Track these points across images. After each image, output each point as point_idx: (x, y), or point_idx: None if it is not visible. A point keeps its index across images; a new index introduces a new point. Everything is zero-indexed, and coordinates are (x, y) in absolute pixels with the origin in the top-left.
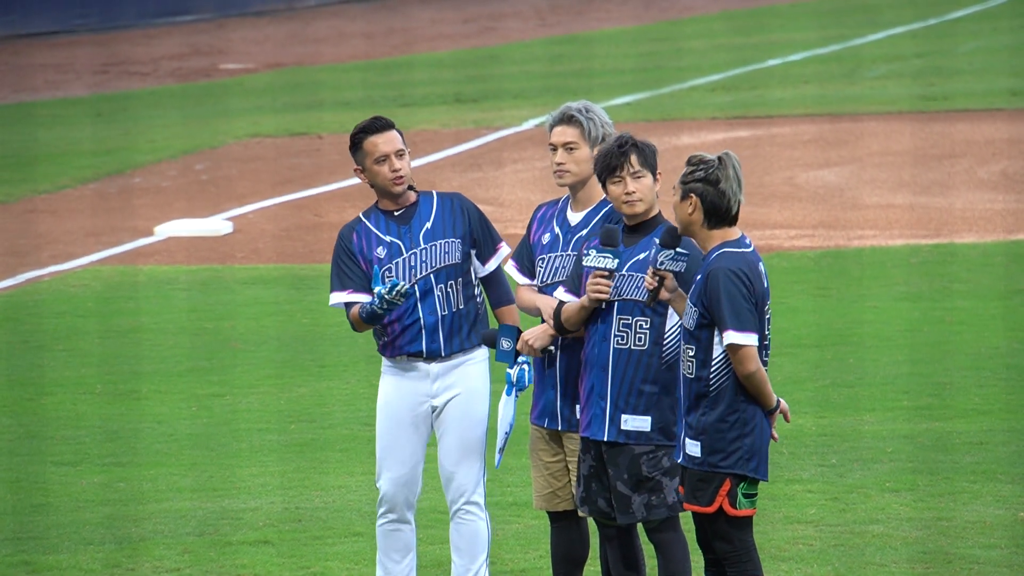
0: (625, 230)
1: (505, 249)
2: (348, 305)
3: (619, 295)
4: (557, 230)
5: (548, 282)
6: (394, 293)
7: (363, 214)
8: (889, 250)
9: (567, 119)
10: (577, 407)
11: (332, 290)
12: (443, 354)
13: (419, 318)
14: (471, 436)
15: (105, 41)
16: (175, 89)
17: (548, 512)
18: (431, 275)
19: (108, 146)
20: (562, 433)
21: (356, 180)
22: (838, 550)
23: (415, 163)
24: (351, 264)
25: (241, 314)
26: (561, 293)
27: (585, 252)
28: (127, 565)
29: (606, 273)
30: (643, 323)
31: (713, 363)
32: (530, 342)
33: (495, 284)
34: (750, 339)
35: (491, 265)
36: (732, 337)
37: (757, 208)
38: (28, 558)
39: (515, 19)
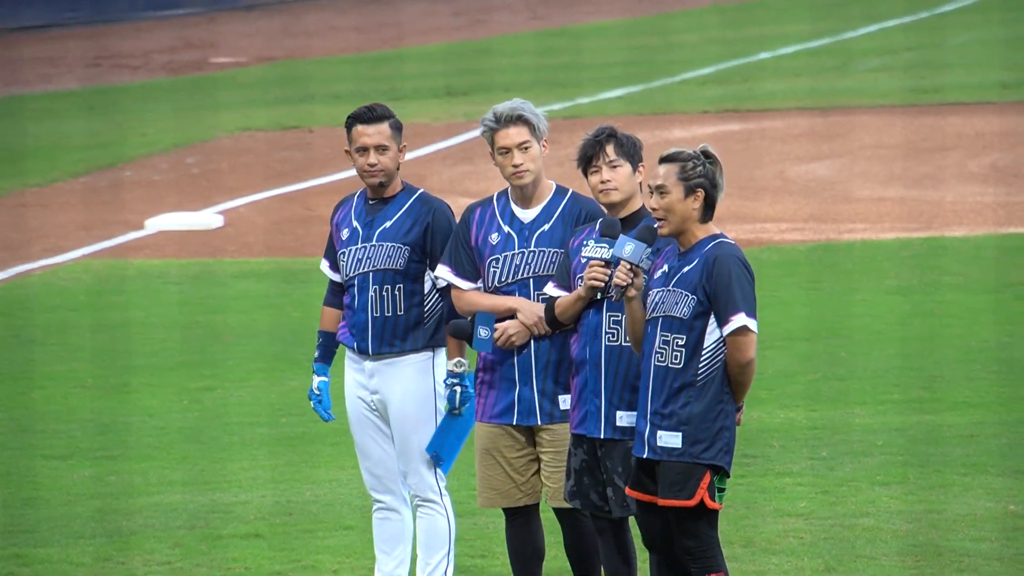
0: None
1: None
2: (331, 283)
3: (606, 292)
4: (507, 229)
5: (509, 281)
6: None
7: (360, 192)
8: (880, 243)
9: (515, 119)
10: (561, 398)
11: (324, 254)
12: (370, 352)
13: (354, 312)
14: (413, 438)
15: (96, 34)
16: (166, 83)
17: (504, 509)
18: (370, 273)
19: (99, 140)
20: (536, 428)
21: (347, 174)
22: (828, 543)
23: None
24: (331, 236)
25: (232, 308)
26: (552, 288)
27: (584, 243)
28: (118, 559)
29: (602, 263)
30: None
31: (704, 352)
32: (512, 338)
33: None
34: (756, 326)
35: (441, 282)
36: (744, 320)
37: (748, 201)
38: (19, 551)
39: (505, 12)
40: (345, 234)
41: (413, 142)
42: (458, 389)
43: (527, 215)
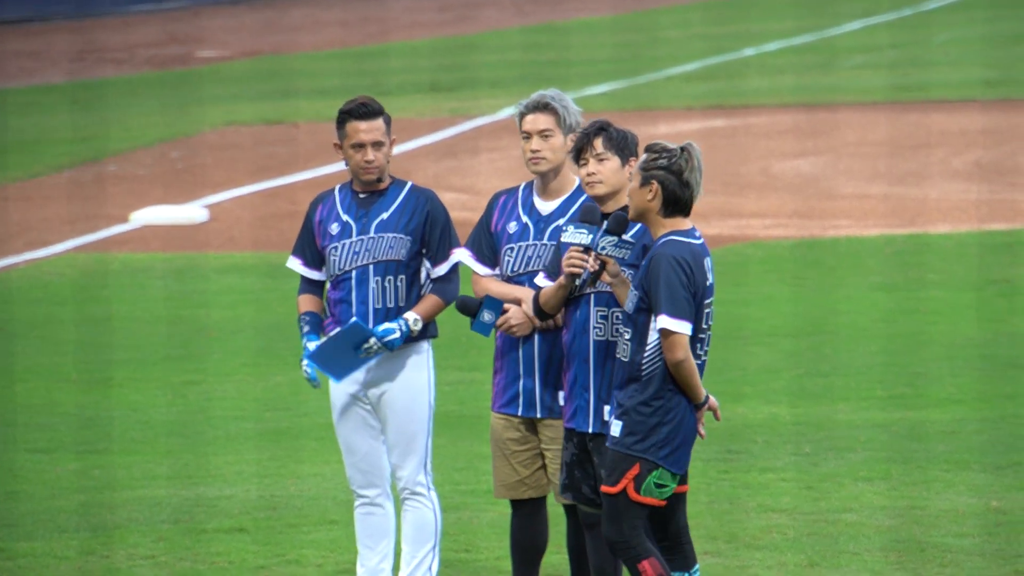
0: (601, 218)
1: (460, 254)
2: (303, 279)
3: (593, 285)
4: (525, 219)
5: (520, 271)
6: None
7: (339, 187)
8: (864, 240)
9: (542, 106)
10: (560, 394)
11: (293, 252)
12: None
13: (351, 305)
14: (409, 428)
15: (81, 28)
16: (151, 77)
17: (511, 500)
18: (370, 266)
19: (83, 134)
20: (537, 421)
21: (332, 169)
22: (812, 538)
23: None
24: (309, 234)
25: (216, 302)
26: (541, 279)
27: (563, 230)
28: (101, 552)
29: (581, 248)
30: (620, 314)
31: (647, 348)
32: (514, 328)
33: (441, 281)
34: (682, 327)
35: (440, 270)
36: (664, 322)
37: (733, 198)
38: (2, 545)
39: (492, 7)
40: (335, 229)
41: (399, 137)
42: (380, 349)
43: (546, 207)
